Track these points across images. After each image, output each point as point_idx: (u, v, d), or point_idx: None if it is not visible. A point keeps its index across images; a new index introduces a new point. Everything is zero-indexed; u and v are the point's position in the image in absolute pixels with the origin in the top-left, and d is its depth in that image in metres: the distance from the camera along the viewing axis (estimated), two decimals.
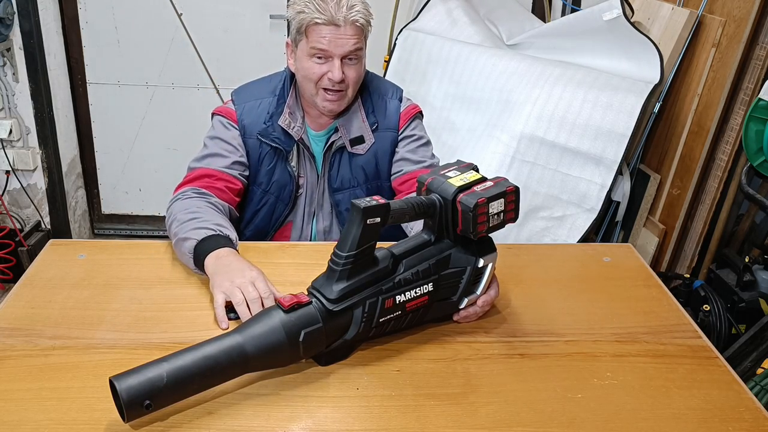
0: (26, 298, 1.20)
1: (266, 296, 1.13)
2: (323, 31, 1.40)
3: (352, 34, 1.41)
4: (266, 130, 1.52)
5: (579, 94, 2.20)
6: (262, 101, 1.54)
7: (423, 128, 1.62)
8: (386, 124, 1.57)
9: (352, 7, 1.41)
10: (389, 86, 1.62)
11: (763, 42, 2.11)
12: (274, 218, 1.60)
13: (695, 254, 2.36)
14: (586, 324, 1.19)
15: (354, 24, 1.41)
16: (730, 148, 2.20)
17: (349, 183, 1.58)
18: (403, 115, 1.58)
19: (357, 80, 1.48)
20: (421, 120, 1.64)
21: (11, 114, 2.75)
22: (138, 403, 0.87)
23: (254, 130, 1.52)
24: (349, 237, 0.99)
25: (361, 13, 1.42)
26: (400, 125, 1.57)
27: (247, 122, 1.52)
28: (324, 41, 1.41)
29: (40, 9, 2.66)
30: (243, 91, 1.58)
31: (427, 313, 1.11)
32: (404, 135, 1.57)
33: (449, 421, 0.95)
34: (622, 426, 0.95)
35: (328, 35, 1.40)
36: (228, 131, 1.53)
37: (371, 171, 1.58)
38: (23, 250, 2.77)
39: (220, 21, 2.87)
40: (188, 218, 1.33)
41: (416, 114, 1.61)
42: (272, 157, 1.54)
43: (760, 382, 1.68)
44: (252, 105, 1.53)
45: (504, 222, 1.08)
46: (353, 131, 1.54)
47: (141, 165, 3.13)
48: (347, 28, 1.41)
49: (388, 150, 1.57)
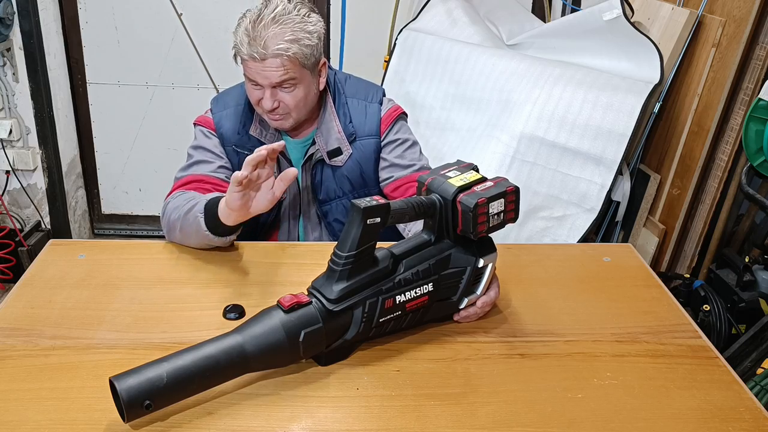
0: (26, 298, 1.20)
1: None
2: (248, 64, 1.39)
3: (277, 66, 1.37)
4: (241, 141, 1.52)
5: (579, 94, 2.20)
6: (235, 109, 1.53)
7: (407, 129, 1.59)
8: (366, 131, 1.53)
9: (278, 37, 1.35)
10: (368, 88, 1.58)
11: (763, 42, 2.11)
12: (260, 225, 1.59)
13: (695, 254, 2.36)
14: (586, 324, 1.19)
15: (277, 57, 1.36)
16: (730, 148, 2.19)
17: (334, 194, 1.56)
18: (384, 119, 1.54)
19: (297, 103, 1.44)
20: (405, 121, 1.60)
21: (11, 114, 2.75)
22: (138, 403, 0.87)
23: (231, 139, 1.52)
24: (349, 237, 0.99)
25: (291, 43, 1.36)
26: (381, 130, 1.54)
27: (223, 131, 1.52)
28: (251, 72, 1.40)
29: (40, 9, 2.66)
30: (219, 99, 1.58)
31: (427, 313, 1.11)
32: (388, 140, 1.54)
33: (449, 421, 0.95)
34: (622, 426, 0.95)
35: (252, 67, 1.39)
36: (209, 139, 1.53)
37: (356, 179, 1.55)
38: (23, 250, 2.76)
39: (220, 21, 2.87)
40: (187, 204, 1.34)
41: (398, 116, 1.57)
42: None
43: (760, 382, 1.68)
44: (226, 113, 1.53)
45: (504, 222, 1.08)
46: (330, 143, 1.52)
47: (141, 165, 3.13)
48: (270, 60, 1.36)
49: (372, 157, 1.54)
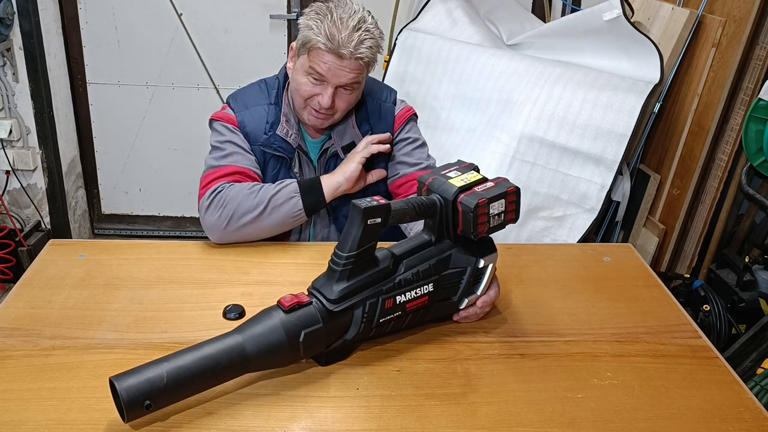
0: (26, 298, 1.20)
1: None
2: (325, 57, 1.37)
3: (353, 68, 1.38)
4: (268, 140, 1.51)
5: (579, 94, 2.20)
6: (260, 109, 1.53)
7: (418, 130, 1.61)
8: (380, 129, 1.55)
9: (362, 43, 1.36)
10: (383, 89, 1.61)
11: (763, 42, 2.11)
12: None
13: (695, 254, 2.36)
14: (586, 324, 1.19)
15: (357, 60, 1.37)
16: (730, 148, 2.19)
17: None
18: (397, 118, 1.57)
19: (347, 108, 1.46)
20: (416, 122, 1.63)
21: (11, 114, 2.75)
22: (138, 403, 0.87)
23: (257, 138, 1.51)
24: (350, 237, 0.99)
25: (370, 51, 1.38)
26: (395, 128, 1.56)
27: (249, 129, 1.51)
28: (323, 67, 1.38)
29: (40, 9, 2.65)
30: (240, 97, 1.56)
31: (427, 313, 1.11)
32: (399, 138, 1.57)
33: (449, 421, 0.95)
34: (622, 426, 0.96)
35: (328, 62, 1.37)
36: (236, 135, 1.51)
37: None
38: (23, 250, 2.76)
39: (220, 21, 2.87)
40: (264, 190, 1.41)
41: (411, 116, 1.59)
42: (276, 164, 1.54)
43: (760, 382, 1.68)
44: (251, 113, 1.52)
45: (504, 222, 1.08)
46: (345, 138, 1.54)
47: (141, 165, 3.12)
48: (350, 61, 1.37)
49: (384, 154, 1.55)
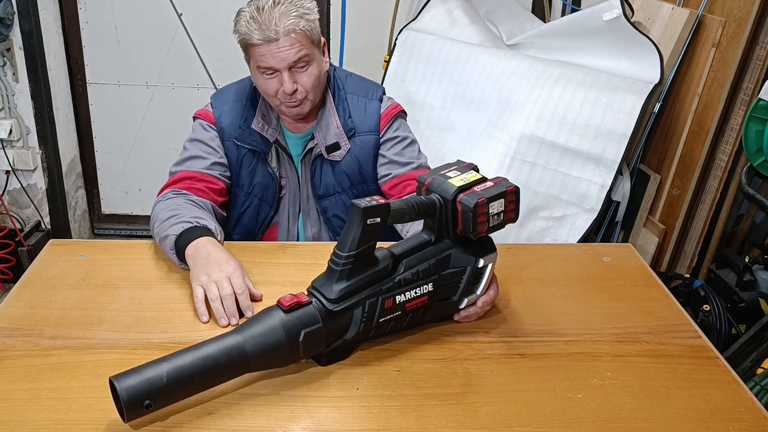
0: (26, 298, 1.20)
1: (240, 292, 1.16)
2: (261, 50, 1.38)
3: (292, 44, 1.37)
4: (242, 135, 1.52)
5: (579, 94, 2.20)
6: (238, 104, 1.53)
7: (406, 127, 1.59)
8: (365, 127, 1.53)
9: (285, 16, 1.35)
10: (369, 86, 1.59)
11: (763, 42, 2.11)
12: (260, 220, 1.59)
13: (695, 254, 2.36)
14: (586, 324, 1.19)
15: (290, 34, 1.36)
16: (730, 148, 2.19)
17: (333, 189, 1.56)
18: (383, 116, 1.54)
19: (314, 83, 1.44)
20: (405, 119, 1.60)
21: (11, 114, 2.75)
22: (138, 403, 0.87)
23: (231, 133, 1.52)
24: (349, 237, 0.99)
25: (298, 19, 1.37)
26: (381, 127, 1.54)
27: (224, 125, 1.53)
28: (265, 59, 1.38)
29: (40, 9, 2.65)
30: (220, 94, 1.58)
31: (427, 313, 1.11)
32: (387, 137, 1.54)
33: (449, 421, 0.95)
34: (622, 426, 0.95)
35: (267, 52, 1.37)
36: (207, 132, 1.53)
37: (355, 176, 1.55)
38: (23, 250, 2.76)
39: (220, 21, 2.87)
40: (168, 216, 1.34)
41: (398, 114, 1.57)
42: (251, 159, 1.54)
43: (760, 382, 1.68)
44: (228, 108, 1.53)
45: (504, 222, 1.08)
46: (329, 138, 1.52)
47: (141, 165, 3.12)
48: (285, 38, 1.36)
49: (370, 153, 1.54)
